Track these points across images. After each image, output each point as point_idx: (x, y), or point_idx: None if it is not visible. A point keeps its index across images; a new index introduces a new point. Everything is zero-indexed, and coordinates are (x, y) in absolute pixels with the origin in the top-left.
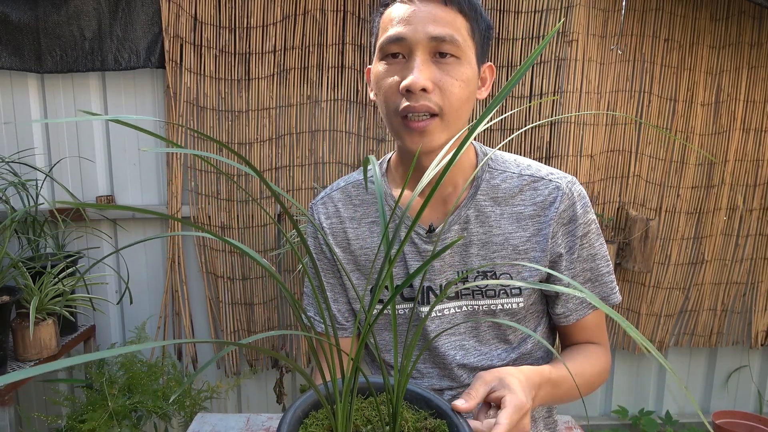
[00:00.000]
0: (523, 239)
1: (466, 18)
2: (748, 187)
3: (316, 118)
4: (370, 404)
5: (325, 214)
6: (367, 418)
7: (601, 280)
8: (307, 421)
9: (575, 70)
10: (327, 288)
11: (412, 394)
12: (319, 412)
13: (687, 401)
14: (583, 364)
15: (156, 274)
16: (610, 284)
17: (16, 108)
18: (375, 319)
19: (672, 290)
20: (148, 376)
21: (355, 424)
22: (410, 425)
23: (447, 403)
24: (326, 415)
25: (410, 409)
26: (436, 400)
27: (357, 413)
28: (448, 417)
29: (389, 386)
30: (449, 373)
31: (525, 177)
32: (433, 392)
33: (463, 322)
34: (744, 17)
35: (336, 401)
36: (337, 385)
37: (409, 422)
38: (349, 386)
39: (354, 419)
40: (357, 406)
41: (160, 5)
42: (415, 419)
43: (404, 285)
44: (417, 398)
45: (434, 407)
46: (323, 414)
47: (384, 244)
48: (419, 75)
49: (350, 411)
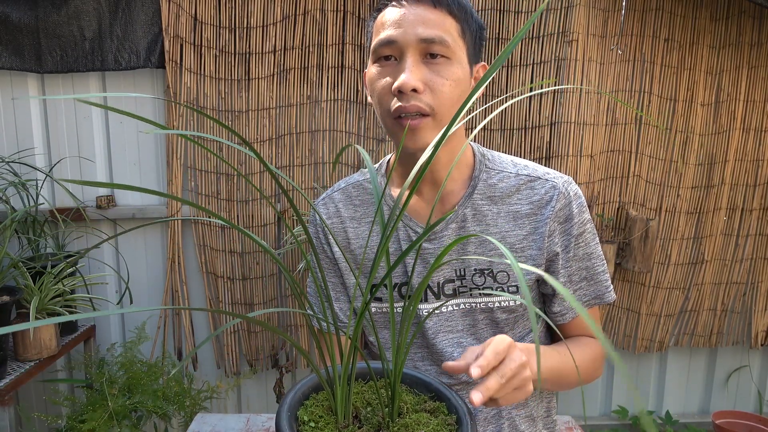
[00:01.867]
0: (520, 237)
1: (456, 19)
2: (748, 187)
3: (316, 118)
4: (370, 388)
5: (326, 214)
6: (367, 401)
7: (597, 278)
8: (308, 402)
9: (575, 70)
10: (329, 287)
11: (412, 378)
12: (319, 394)
13: (687, 401)
14: (575, 349)
15: (156, 274)
16: (605, 282)
17: (16, 108)
18: (369, 300)
19: (672, 290)
20: (148, 376)
21: (355, 406)
22: (410, 407)
23: (446, 386)
24: (326, 396)
25: (410, 392)
26: (436, 384)
27: (357, 396)
28: (447, 399)
29: (387, 370)
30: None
31: (522, 177)
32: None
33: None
34: (744, 17)
35: (335, 383)
36: (336, 368)
37: (409, 404)
38: (347, 366)
39: (354, 401)
40: (357, 390)
41: (160, 5)
42: (415, 402)
43: (414, 281)
44: (417, 383)
45: (434, 390)
46: (323, 396)
47: (380, 225)
48: (410, 76)
49: (349, 391)
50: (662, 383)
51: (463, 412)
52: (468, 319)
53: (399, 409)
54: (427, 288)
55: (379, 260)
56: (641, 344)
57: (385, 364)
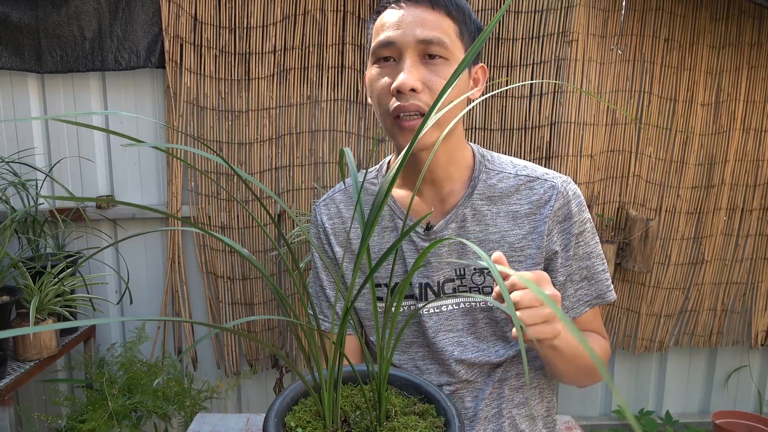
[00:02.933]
0: (519, 237)
1: (454, 20)
2: (748, 187)
3: (316, 118)
4: (360, 391)
5: (327, 215)
6: (356, 405)
7: (597, 278)
8: (296, 408)
9: (575, 70)
10: (329, 287)
11: (402, 380)
12: (308, 399)
13: (687, 401)
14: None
15: (156, 274)
16: (606, 282)
17: (17, 108)
18: (356, 297)
19: (672, 290)
20: (148, 376)
21: (344, 410)
22: (398, 410)
23: (436, 388)
24: (315, 401)
25: (400, 395)
26: (426, 386)
27: (347, 400)
28: (437, 401)
29: (373, 373)
30: (447, 368)
31: (521, 177)
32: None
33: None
34: (744, 17)
35: (321, 388)
36: (322, 373)
37: (397, 407)
38: (333, 372)
39: (343, 405)
40: (347, 393)
41: (160, 5)
42: (404, 404)
43: (405, 281)
44: (406, 384)
45: (423, 392)
46: (312, 400)
47: (360, 221)
48: (408, 76)
49: (336, 396)
50: (662, 383)
51: (452, 415)
52: (468, 318)
53: (387, 412)
54: (428, 288)
55: (363, 251)
56: (641, 344)
57: (370, 362)
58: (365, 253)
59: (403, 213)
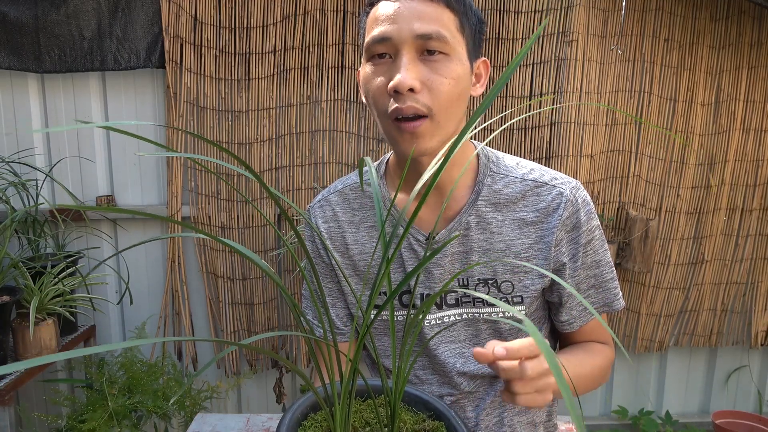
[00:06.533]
0: (525, 246)
1: (454, 12)
2: (748, 187)
3: (316, 118)
4: (368, 406)
5: (323, 218)
6: (365, 421)
7: (606, 286)
8: (306, 423)
9: (575, 70)
10: (325, 292)
11: (410, 396)
12: (317, 414)
13: (687, 401)
14: (584, 359)
15: (156, 274)
16: (614, 290)
17: (16, 108)
18: (372, 321)
19: (672, 290)
20: (148, 376)
21: (354, 427)
22: (408, 427)
23: (445, 405)
24: (324, 417)
25: (409, 411)
26: (435, 403)
27: (356, 415)
28: (446, 419)
29: (387, 388)
30: (449, 380)
31: (528, 182)
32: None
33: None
34: (744, 17)
35: (334, 403)
36: (335, 387)
37: (408, 424)
38: (347, 388)
39: (352, 421)
40: (356, 408)
41: (160, 5)
42: (414, 421)
43: (402, 284)
44: (415, 401)
45: (432, 409)
46: (322, 416)
47: (381, 243)
48: (406, 75)
49: (348, 413)
50: (662, 383)
51: None
52: (471, 329)
53: (398, 429)
54: (429, 298)
55: (386, 273)
56: (641, 344)
57: (384, 374)
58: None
59: (404, 220)
